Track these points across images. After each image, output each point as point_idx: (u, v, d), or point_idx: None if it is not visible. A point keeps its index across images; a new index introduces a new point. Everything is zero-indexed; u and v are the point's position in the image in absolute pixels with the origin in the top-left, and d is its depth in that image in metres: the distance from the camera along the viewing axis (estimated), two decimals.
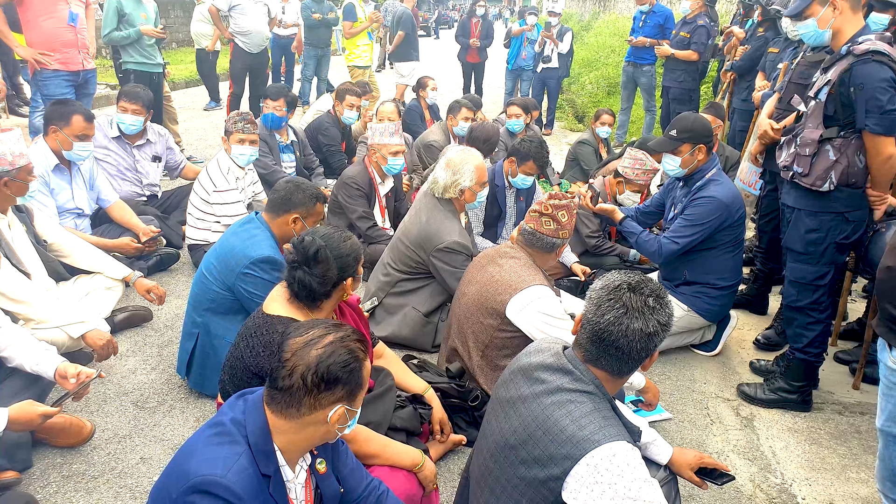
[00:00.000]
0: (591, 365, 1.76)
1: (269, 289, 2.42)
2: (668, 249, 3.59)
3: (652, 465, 2.13)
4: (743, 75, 5.80)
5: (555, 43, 8.97)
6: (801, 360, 3.27)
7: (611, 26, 16.88)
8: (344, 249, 2.22)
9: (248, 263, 2.75)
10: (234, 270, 2.78)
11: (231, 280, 2.80)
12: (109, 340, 2.86)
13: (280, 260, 2.77)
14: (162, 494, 1.53)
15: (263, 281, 2.74)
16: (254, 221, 2.91)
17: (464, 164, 3.47)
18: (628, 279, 1.76)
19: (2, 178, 2.99)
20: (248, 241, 2.81)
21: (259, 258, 2.75)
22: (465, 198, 3.54)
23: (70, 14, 4.99)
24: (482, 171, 3.54)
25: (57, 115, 3.84)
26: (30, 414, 2.20)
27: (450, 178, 3.48)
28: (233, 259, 2.80)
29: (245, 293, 2.79)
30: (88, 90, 5.45)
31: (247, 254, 2.77)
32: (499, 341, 2.81)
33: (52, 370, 2.42)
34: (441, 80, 8.62)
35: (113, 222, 4.20)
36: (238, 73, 7.52)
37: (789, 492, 2.81)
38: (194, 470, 1.48)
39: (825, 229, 3.04)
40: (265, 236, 2.84)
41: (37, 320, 2.85)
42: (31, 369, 2.46)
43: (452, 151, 3.59)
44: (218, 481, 1.46)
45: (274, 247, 2.82)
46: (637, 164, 4.31)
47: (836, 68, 2.87)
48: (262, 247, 2.78)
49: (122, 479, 2.58)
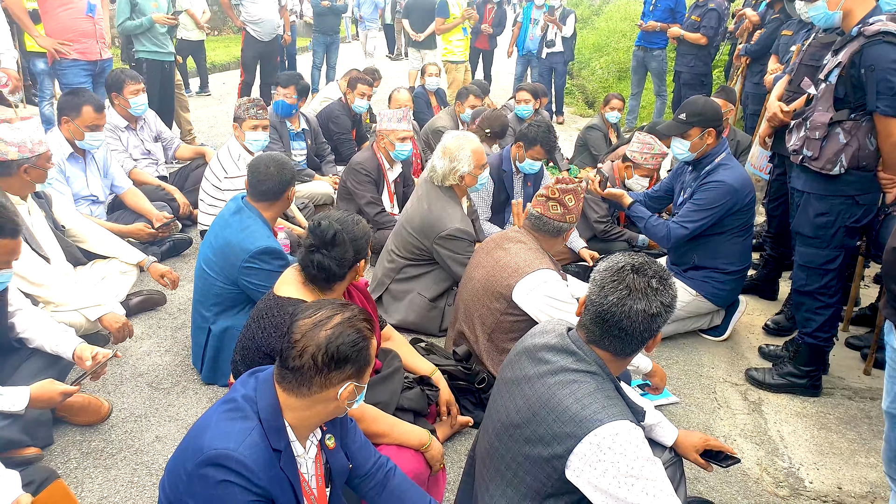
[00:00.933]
0: (594, 346, 1.79)
1: (273, 278, 2.47)
2: (676, 234, 3.59)
3: (657, 447, 2.15)
4: (757, 59, 5.75)
5: (558, 27, 8.85)
6: (811, 344, 3.27)
7: (621, 10, 16.73)
8: (358, 232, 2.26)
9: (247, 257, 2.77)
10: (235, 265, 2.80)
11: (234, 275, 2.83)
12: (125, 323, 2.92)
13: (277, 248, 2.80)
14: (177, 468, 1.58)
15: (266, 272, 2.77)
16: (244, 210, 2.90)
17: (460, 150, 3.47)
18: (632, 261, 1.77)
19: (22, 166, 3.05)
20: (242, 233, 2.83)
21: (258, 250, 2.77)
22: (465, 183, 3.54)
23: (88, 4, 5.06)
24: (479, 154, 3.52)
25: (69, 106, 3.90)
26: (50, 392, 2.28)
27: (448, 166, 3.48)
28: (231, 254, 2.82)
29: (250, 286, 2.82)
30: (105, 79, 5.52)
31: (245, 247, 2.78)
32: (505, 325, 2.84)
33: (70, 351, 2.50)
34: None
35: (127, 208, 4.27)
36: (249, 62, 7.55)
37: (797, 475, 2.82)
38: (208, 444, 1.53)
39: (835, 213, 3.03)
40: (258, 226, 2.85)
41: (56, 303, 2.92)
42: (51, 350, 2.54)
43: (448, 138, 3.58)
44: (231, 454, 1.51)
45: (269, 235, 2.85)
46: (645, 149, 4.30)
47: (846, 50, 2.85)
48: (258, 238, 2.80)
49: (139, 456, 2.65)
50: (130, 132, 4.80)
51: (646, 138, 4.30)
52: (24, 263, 2.83)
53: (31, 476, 2.15)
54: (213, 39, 16.26)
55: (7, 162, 3.02)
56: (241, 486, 1.51)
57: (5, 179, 3.06)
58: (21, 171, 3.05)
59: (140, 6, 5.86)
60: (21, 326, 2.58)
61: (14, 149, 3.03)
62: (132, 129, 4.81)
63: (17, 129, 3.07)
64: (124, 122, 4.74)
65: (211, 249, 2.92)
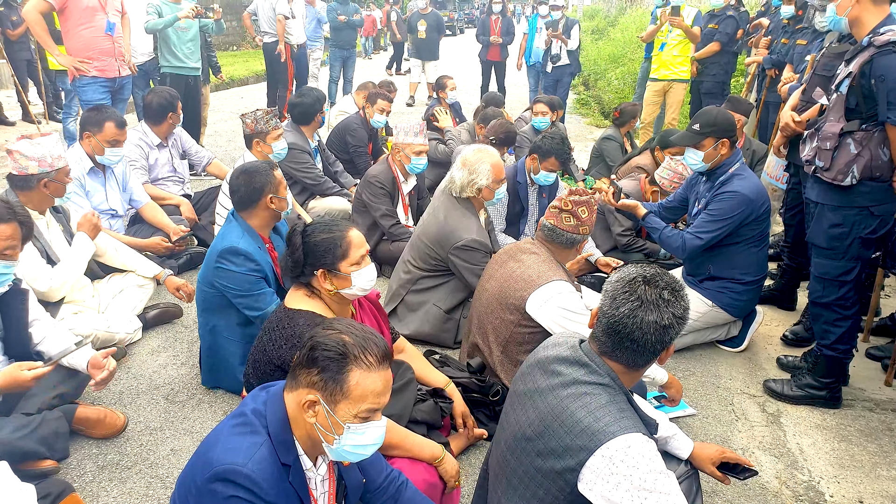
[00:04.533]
0: (606, 357, 1.78)
1: (242, 281, 2.79)
2: (691, 245, 3.56)
3: (672, 459, 2.13)
4: (781, 69, 5.69)
5: (563, 41, 8.68)
6: (829, 356, 3.22)
7: (637, 21, 16.75)
8: (316, 238, 2.27)
9: (216, 258, 2.87)
10: (210, 266, 2.91)
11: (211, 277, 2.92)
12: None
13: (244, 249, 2.85)
14: (188, 482, 1.59)
15: (231, 272, 2.84)
16: (231, 221, 2.99)
17: (480, 163, 3.49)
18: (644, 272, 1.77)
19: (42, 180, 3.12)
20: (219, 238, 2.94)
21: (223, 249, 2.86)
22: (482, 196, 3.55)
23: (107, 23, 5.18)
24: (498, 168, 3.55)
25: (91, 122, 3.98)
26: (17, 376, 2.32)
27: (466, 178, 3.50)
28: (210, 257, 2.93)
29: (221, 287, 2.90)
30: (123, 95, 5.65)
31: (216, 248, 2.89)
32: (519, 336, 2.83)
33: (84, 362, 2.55)
34: (463, 79, 8.67)
35: (145, 222, 4.33)
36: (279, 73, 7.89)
37: (817, 489, 2.77)
38: (217, 459, 1.53)
39: (849, 224, 2.99)
40: (233, 228, 2.93)
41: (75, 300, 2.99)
42: (67, 364, 2.57)
43: (468, 150, 3.61)
44: (239, 470, 1.51)
45: (241, 237, 2.90)
46: (676, 178, 4.26)
47: (857, 60, 2.83)
48: (227, 239, 2.89)
49: (154, 469, 2.67)
50: (162, 149, 4.85)
51: (677, 167, 4.27)
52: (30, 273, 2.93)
53: (47, 489, 2.17)
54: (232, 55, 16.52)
55: (27, 176, 3.10)
56: (250, 502, 1.51)
57: (26, 193, 3.14)
58: (41, 185, 3.13)
59: (164, 16, 6.00)
60: (38, 337, 2.63)
61: (34, 163, 3.10)
62: (164, 146, 4.87)
63: (37, 144, 3.15)
64: (157, 139, 4.80)
65: (204, 259, 3.04)
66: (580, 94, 13.65)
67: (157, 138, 4.79)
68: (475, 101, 9.23)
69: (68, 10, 5.02)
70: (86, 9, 5.05)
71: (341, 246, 2.25)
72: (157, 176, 4.84)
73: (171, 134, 4.92)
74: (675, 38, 7.07)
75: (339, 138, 5.86)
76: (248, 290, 2.85)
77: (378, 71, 14.88)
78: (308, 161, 5.06)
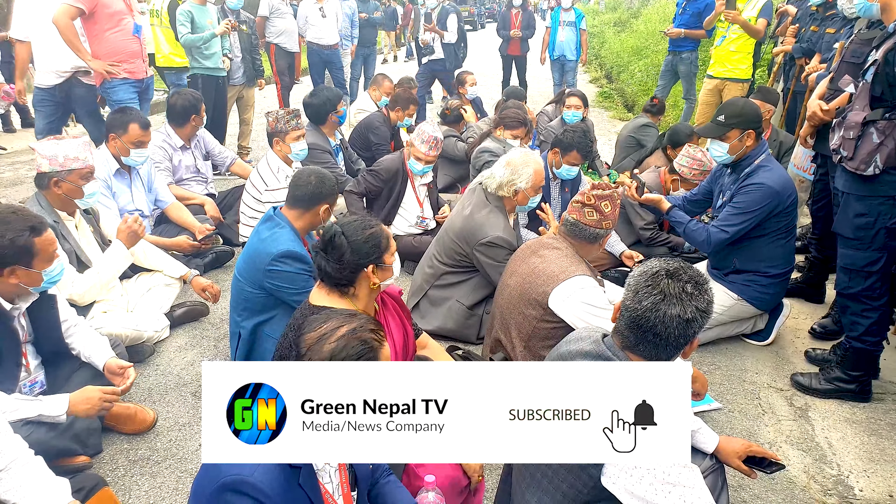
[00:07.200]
0: (629, 352, 1.77)
1: (296, 280, 2.75)
2: (717, 238, 3.52)
3: (698, 453, 2.11)
4: (808, 58, 5.57)
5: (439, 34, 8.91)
6: (858, 349, 3.17)
7: (660, 13, 16.51)
8: (360, 236, 2.25)
9: (270, 260, 2.86)
10: (260, 269, 2.89)
11: (259, 279, 2.91)
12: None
13: (300, 252, 2.88)
14: (200, 489, 1.58)
15: (288, 273, 2.85)
16: (273, 219, 3.00)
17: (524, 167, 3.49)
18: (666, 266, 1.76)
19: (52, 178, 3.18)
20: (268, 239, 2.94)
21: (279, 253, 2.86)
22: (518, 199, 3.54)
23: (135, 25, 5.26)
24: (540, 176, 3.55)
25: (116, 124, 4.05)
26: (90, 399, 2.40)
27: (507, 177, 3.49)
28: (258, 259, 2.92)
29: (274, 288, 2.90)
30: (148, 95, 5.72)
31: (268, 251, 2.88)
32: (542, 332, 2.83)
33: (101, 364, 2.65)
34: (484, 74, 8.65)
35: (171, 222, 4.40)
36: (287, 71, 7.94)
37: (846, 483, 2.74)
38: (225, 468, 1.52)
39: (874, 214, 2.94)
40: (284, 232, 2.95)
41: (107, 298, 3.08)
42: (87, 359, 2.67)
43: (515, 152, 3.63)
44: (245, 480, 1.49)
45: (294, 240, 2.93)
46: (695, 164, 4.23)
47: (883, 47, 2.77)
48: (280, 242, 2.90)
49: (183, 464, 2.72)
50: (185, 151, 4.93)
51: (696, 154, 4.23)
52: None
53: (81, 483, 2.22)
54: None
55: (41, 174, 3.20)
56: None
57: (46, 192, 3.24)
58: (51, 183, 3.19)
59: (197, 23, 6.08)
60: (69, 336, 2.70)
61: (46, 161, 3.18)
62: (187, 148, 4.94)
63: (56, 144, 3.22)
64: (180, 141, 4.87)
65: (243, 258, 3.04)
66: (603, 87, 13.54)
67: (180, 140, 4.87)
68: (496, 95, 9.21)
69: (97, 14, 5.10)
70: (114, 13, 5.11)
71: (383, 239, 2.31)
72: (180, 177, 4.91)
73: (195, 136, 4.99)
74: (734, 31, 6.49)
75: (362, 136, 5.90)
76: (303, 287, 2.87)
77: (401, 68, 14.89)
78: (329, 160, 5.09)
